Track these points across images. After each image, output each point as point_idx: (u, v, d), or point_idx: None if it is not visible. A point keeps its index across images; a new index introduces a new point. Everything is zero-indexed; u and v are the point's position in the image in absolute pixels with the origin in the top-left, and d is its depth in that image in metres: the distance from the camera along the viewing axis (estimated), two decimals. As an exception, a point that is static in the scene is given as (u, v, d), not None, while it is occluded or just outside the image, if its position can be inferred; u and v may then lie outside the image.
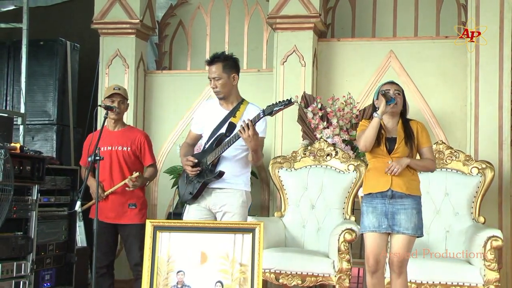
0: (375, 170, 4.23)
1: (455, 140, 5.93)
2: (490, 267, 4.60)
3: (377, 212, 4.17)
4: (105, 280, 5.04)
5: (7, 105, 6.96)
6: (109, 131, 5.11)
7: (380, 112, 4.13)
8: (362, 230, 4.26)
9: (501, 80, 5.68)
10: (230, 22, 7.04)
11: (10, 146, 4.81)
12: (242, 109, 4.37)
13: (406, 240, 4.15)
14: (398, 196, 4.15)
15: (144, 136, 5.16)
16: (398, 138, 4.19)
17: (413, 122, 4.30)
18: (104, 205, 4.98)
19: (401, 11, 6.60)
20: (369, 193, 4.24)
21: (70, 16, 7.76)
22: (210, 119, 4.44)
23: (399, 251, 4.15)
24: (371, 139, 4.15)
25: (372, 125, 4.14)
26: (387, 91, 4.19)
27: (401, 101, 4.23)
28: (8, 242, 4.73)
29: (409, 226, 4.13)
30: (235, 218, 4.30)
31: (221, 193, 4.34)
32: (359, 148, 4.31)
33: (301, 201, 5.54)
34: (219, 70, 4.36)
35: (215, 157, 4.27)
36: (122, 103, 5.07)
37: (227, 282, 3.95)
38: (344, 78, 6.32)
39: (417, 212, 4.18)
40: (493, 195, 5.55)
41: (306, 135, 5.99)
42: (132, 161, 5.04)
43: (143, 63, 6.81)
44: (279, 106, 4.07)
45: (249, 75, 6.56)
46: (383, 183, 4.16)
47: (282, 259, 5.02)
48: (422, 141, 4.25)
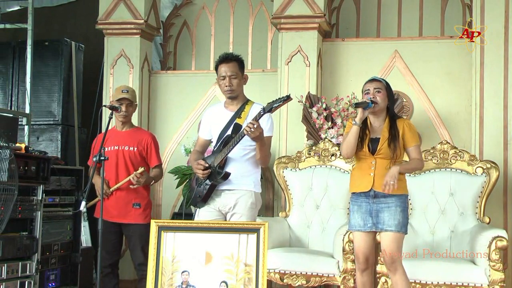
0: (359, 170, 4.27)
1: (459, 140, 5.92)
2: (495, 267, 4.59)
3: (362, 211, 4.23)
4: (110, 280, 5.04)
5: (12, 106, 6.97)
6: (117, 131, 5.15)
7: (357, 120, 4.14)
8: (349, 228, 4.37)
9: (506, 80, 5.67)
10: (235, 22, 7.04)
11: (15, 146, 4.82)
12: (247, 110, 4.37)
13: (392, 237, 4.16)
14: (381, 196, 4.17)
15: (151, 137, 5.17)
16: (382, 138, 4.19)
17: (400, 121, 4.28)
18: (109, 204, 4.99)
19: (406, 11, 6.58)
20: (354, 192, 4.29)
21: (75, 16, 7.78)
22: (216, 123, 4.44)
23: (387, 248, 4.17)
24: (352, 147, 4.18)
25: (351, 133, 4.16)
26: (365, 94, 4.19)
27: (383, 98, 4.20)
28: (13, 242, 4.75)
29: (392, 223, 4.15)
30: (243, 219, 4.30)
31: (229, 194, 4.33)
32: (342, 155, 4.34)
33: (305, 201, 5.54)
34: (236, 68, 4.37)
35: (222, 159, 4.27)
36: (130, 106, 5.10)
37: (232, 282, 3.95)
38: (349, 78, 6.31)
39: (402, 210, 4.18)
40: (498, 195, 5.54)
41: (311, 135, 5.99)
42: (138, 162, 5.05)
43: (147, 63, 6.81)
44: (278, 102, 4.07)
45: (253, 75, 6.50)
46: (366, 183, 4.19)
47: (286, 259, 5.02)
48: (408, 141, 4.23)
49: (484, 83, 5.71)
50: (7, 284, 4.65)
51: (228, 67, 4.36)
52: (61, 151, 6.74)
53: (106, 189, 4.96)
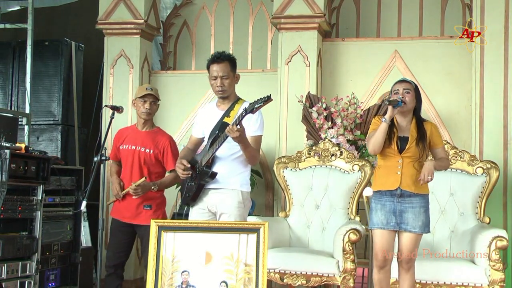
0: (385, 168, 4.29)
1: (460, 140, 5.92)
2: (495, 267, 4.59)
3: (386, 210, 4.25)
4: (113, 281, 5.02)
5: (12, 105, 6.98)
6: (137, 130, 5.12)
7: (387, 117, 4.17)
8: (371, 226, 4.35)
9: (506, 79, 5.67)
10: (235, 22, 7.05)
11: (15, 146, 4.82)
12: (236, 108, 4.37)
13: (414, 238, 4.25)
14: (406, 195, 4.22)
15: (168, 140, 5.10)
16: (411, 138, 4.24)
17: (427, 123, 4.36)
18: (122, 205, 5.02)
19: (406, 11, 6.59)
20: (378, 190, 4.31)
21: (74, 16, 7.77)
22: (208, 122, 4.45)
23: (407, 248, 4.24)
24: (380, 144, 4.20)
25: (380, 130, 4.19)
26: (394, 94, 4.24)
27: (411, 99, 4.26)
28: (13, 242, 4.75)
29: (416, 225, 4.22)
30: (231, 219, 4.28)
31: (216, 193, 4.33)
32: (368, 150, 4.36)
33: (305, 201, 5.54)
34: (227, 68, 4.37)
35: (209, 158, 4.28)
36: (154, 103, 5.06)
37: (232, 282, 3.95)
38: (349, 78, 6.32)
39: (425, 211, 4.25)
40: (498, 195, 5.55)
41: (311, 135, 5.99)
42: (153, 164, 5.03)
43: (147, 63, 6.81)
44: (259, 103, 4.06)
45: (253, 75, 6.57)
46: (393, 181, 4.23)
47: (286, 259, 5.02)
48: (436, 142, 4.32)
49: (484, 83, 5.71)
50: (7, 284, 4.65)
51: (220, 67, 4.36)
52: (61, 151, 6.74)
53: (118, 191, 4.97)
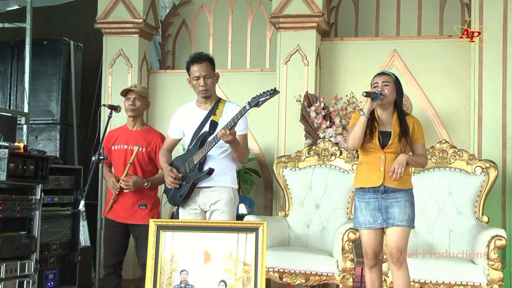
0: (367, 164, 4.21)
1: (458, 139, 5.92)
2: (493, 266, 4.59)
3: (370, 208, 4.17)
4: (112, 280, 5.02)
5: (11, 105, 6.97)
6: (128, 129, 5.11)
7: (366, 110, 4.09)
8: (357, 226, 4.26)
9: (504, 79, 5.67)
10: (233, 22, 7.05)
11: (14, 146, 4.82)
12: (221, 107, 4.41)
13: (402, 231, 4.14)
14: (390, 191, 4.15)
15: (160, 138, 5.07)
16: (393, 132, 4.16)
17: (410, 118, 4.28)
18: (117, 205, 5.00)
19: (405, 10, 6.59)
20: (361, 188, 4.22)
21: (73, 15, 7.77)
22: (189, 122, 4.47)
23: (396, 242, 4.14)
24: (359, 138, 4.13)
25: (359, 124, 4.11)
26: (373, 87, 4.17)
27: (391, 91, 4.18)
28: (12, 241, 4.75)
29: (403, 218, 4.13)
30: (223, 215, 4.32)
31: (209, 191, 4.35)
32: (348, 146, 4.29)
33: (305, 201, 5.54)
34: (208, 67, 4.41)
35: (202, 156, 4.29)
36: (137, 99, 5.04)
37: (231, 281, 3.96)
38: (347, 77, 6.31)
39: (410, 205, 4.18)
40: (497, 194, 5.54)
41: (309, 135, 5.99)
42: (146, 162, 5.02)
43: (146, 63, 6.81)
44: (265, 96, 4.06)
45: (252, 74, 6.58)
46: (376, 178, 4.15)
47: (286, 258, 5.02)
48: (417, 137, 4.24)
49: (483, 82, 5.71)
50: (5, 284, 4.65)
51: (201, 67, 4.38)
52: (59, 150, 6.74)
53: (115, 184, 4.95)
